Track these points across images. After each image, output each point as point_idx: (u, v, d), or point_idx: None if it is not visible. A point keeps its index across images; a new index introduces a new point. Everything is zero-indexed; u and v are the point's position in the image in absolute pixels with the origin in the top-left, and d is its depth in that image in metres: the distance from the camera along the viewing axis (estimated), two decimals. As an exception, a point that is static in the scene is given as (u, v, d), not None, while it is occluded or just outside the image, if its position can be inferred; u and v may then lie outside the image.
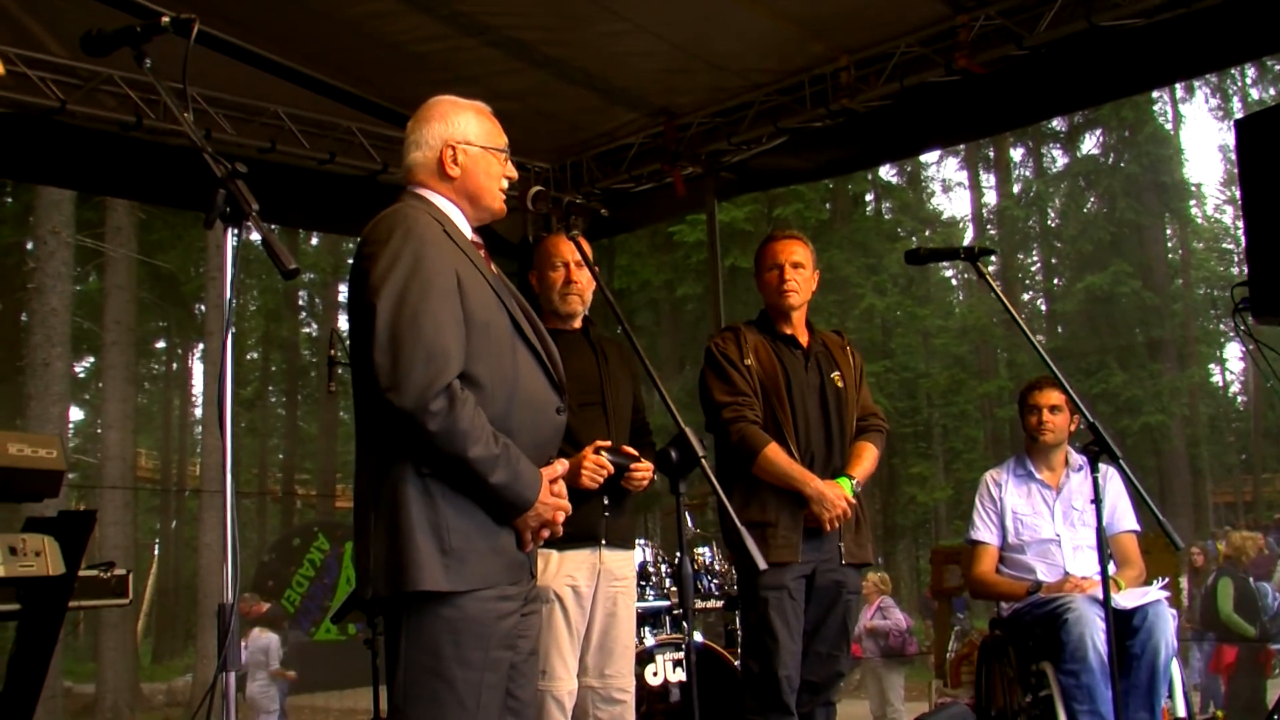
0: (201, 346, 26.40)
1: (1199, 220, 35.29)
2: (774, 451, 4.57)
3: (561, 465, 3.17)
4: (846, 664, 4.88)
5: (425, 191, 3.20)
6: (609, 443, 4.36)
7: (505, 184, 3.27)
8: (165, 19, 2.68)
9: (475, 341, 2.98)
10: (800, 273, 4.79)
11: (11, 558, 4.19)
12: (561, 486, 3.14)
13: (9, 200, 18.31)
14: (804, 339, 4.85)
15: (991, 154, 31.18)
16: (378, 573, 2.93)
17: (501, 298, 3.10)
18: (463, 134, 3.20)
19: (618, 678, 4.52)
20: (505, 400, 3.01)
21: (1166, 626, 4.92)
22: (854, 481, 4.66)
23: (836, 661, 4.73)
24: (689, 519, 4.74)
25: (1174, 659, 5.00)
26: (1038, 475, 5.53)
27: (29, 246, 18.27)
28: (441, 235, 3.05)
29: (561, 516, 3.11)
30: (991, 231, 31.46)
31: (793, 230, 5.14)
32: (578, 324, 4.64)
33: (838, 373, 4.82)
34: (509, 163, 3.28)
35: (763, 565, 3.16)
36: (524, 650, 3.13)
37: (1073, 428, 5.53)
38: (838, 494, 4.57)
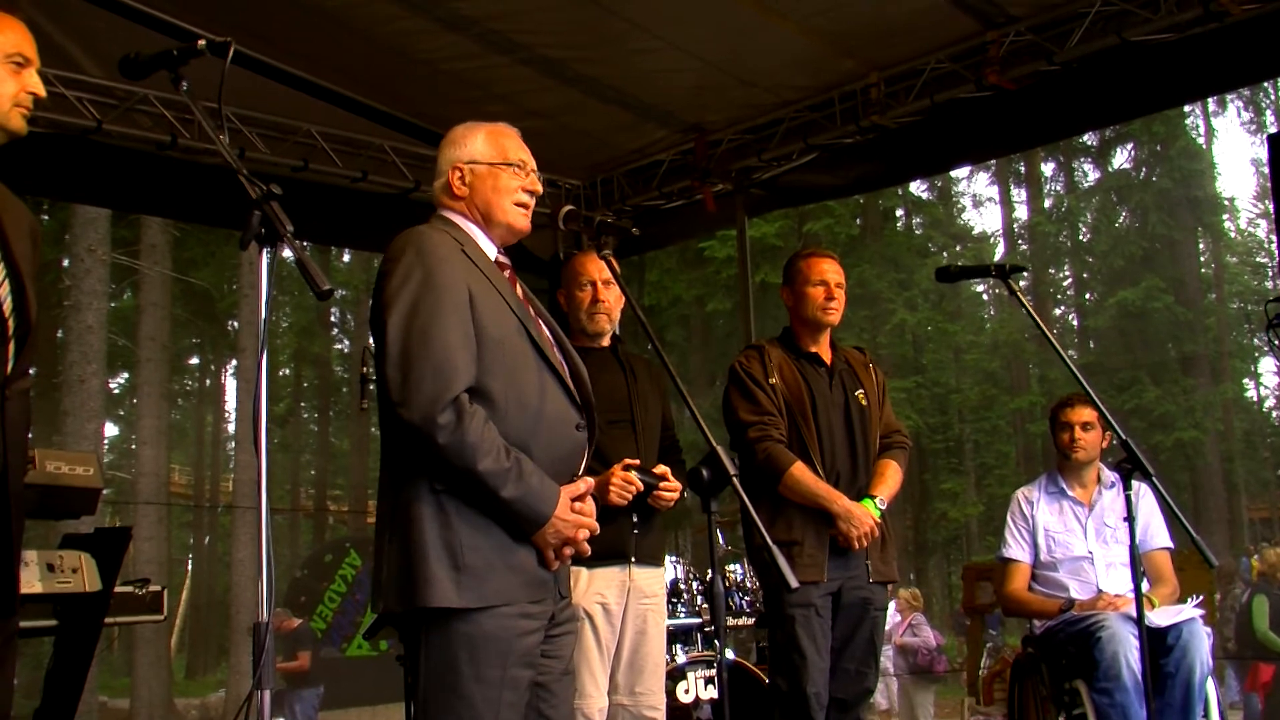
0: (235, 363, 26.58)
1: (1232, 234, 35.04)
2: (800, 470, 4.58)
3: (586, 483, 3.15)
4: (874, 681, 4.87)
5: (448, 213, 3.27)
6: (637, 461, 4.36)
7: (525, 197, 3.28)
8: (202, 43, 2.72)
9: (488, 357, 3.00)
10: (841, 293, 4.83)
11: (49, 574, 4.22)
12: (588, 505, 3.12)
13: (46, 218, 18.45)
14: (828, 357, 4.87)
15: (1022, 169, 31.05)
16: (389, 588, 2.96)
17: (519, 315, 3.11)
18: (469, 154, 3.26)
19: (648, 695, 4.51)
20: (519, 416, 3.02)
21: (1201, 644, 4.89)
22: (878, 500, 4.66)
23: (865, 678, 4.73)
24: (720, 536, 4.74)
25: (1209, 677, 4.96)
26: (1070, 492, 5.51)
27: (65, 264, 18.42)
28: (456, 253, 3.09)
29: (585, 534, 3.08)
30: (1023, 246, 31.33)
31: (827, 249, 5.17)
32: (606, 342, 4.65)
33: (861, 390, 4.83)
34: (531, 175, 3.29)
35: (794, 584, 3.15)
36: (555, 670, 3.13)
37: (1105, 444, 5.50)
38: (864, 512, 4.57)
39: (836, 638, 4.63)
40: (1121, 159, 30.22)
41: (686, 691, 5.63)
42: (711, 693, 5.67)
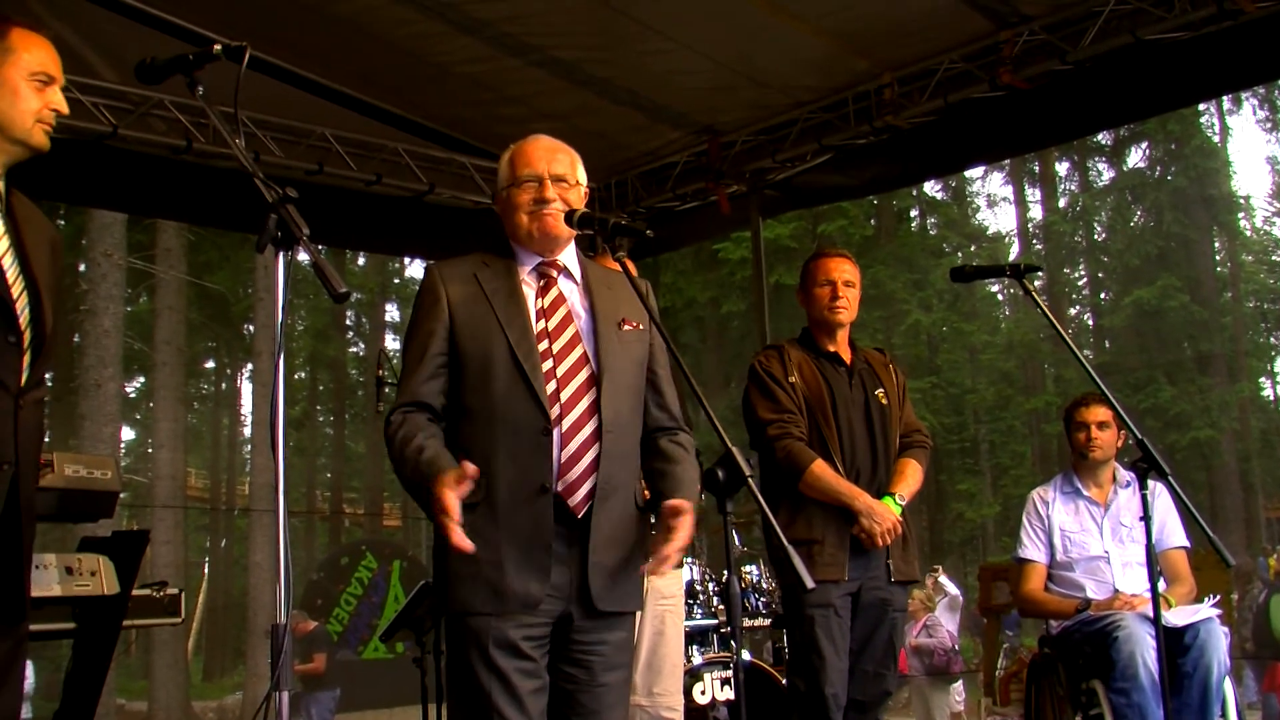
0: (250, 366, 26.62)
1: (1247, 233, 34.78)
2: (820, 468, 4.56)
3: (464, 468, 2.88)
4: (893, 682, 4.85)
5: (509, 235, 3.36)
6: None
7: (543, 206, 3.28)
8: (217, 47, 2.72)
9: (467, 375, 3.13)
10: (850, 291, 4.80)
11: (67, 577, 4.24)
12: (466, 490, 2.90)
13: (62, 223, 18.52)
14: (847, 356, 4.85)
15: (1037, 168, 30.95)
16: None
17: (505, 329, 3.14)
18: (499, 183, 3.40)
19: (666, 696, 4.51)
20: (487, 426, 3.10)
21: (1219, 644, 4.87)
22: (897, 497, 4.64)
23: (883, 680, 4.70)
24: (736, 537, 4.73)
25: (1227, 677, 4.94)
26: (1085, 492, 5.49)
27: (81, 269, 18.49)
28: (456, 283, 3.21)
29: (444, 519, 2.84)
30: (1037, 246, 31.24)
31: (842, 248, 5.16)
32: (622, 343, 4.64)
33: (881, 389, 4.81)
34: (545, 183, 3.31)
35: (810, 584, 3.12)
36: (580, 680, 3.12)
37: (1120, 444, 5.48)
38: (886, 509, 4.56)
39: (855, 639, 4.60)
40: (1136, 158, 30.17)
41: (703, 692, 5.63)
42: (728, 694, 5.66)
